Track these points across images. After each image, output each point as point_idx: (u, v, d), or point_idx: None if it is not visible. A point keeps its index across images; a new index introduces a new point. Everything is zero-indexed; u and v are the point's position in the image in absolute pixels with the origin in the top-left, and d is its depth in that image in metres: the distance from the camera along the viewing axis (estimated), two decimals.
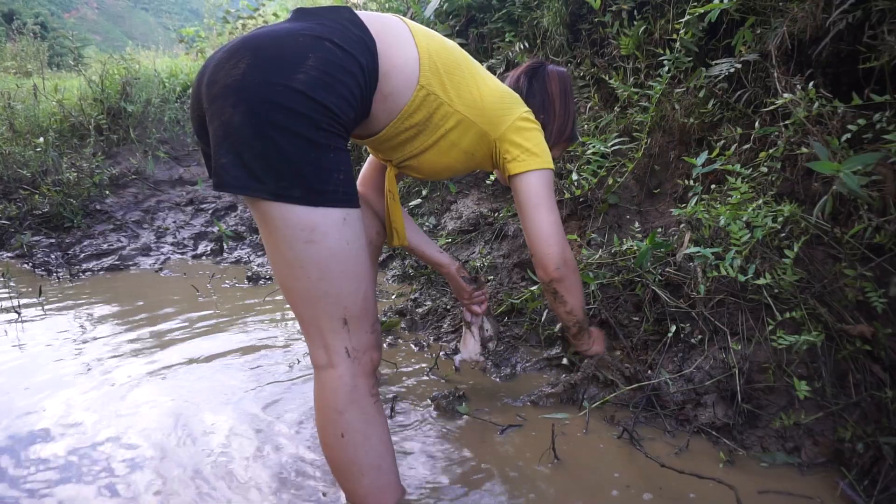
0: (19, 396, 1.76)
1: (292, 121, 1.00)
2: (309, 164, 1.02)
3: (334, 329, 1.10)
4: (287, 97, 1.00)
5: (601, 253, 2.00)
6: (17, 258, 3.56)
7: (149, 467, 1.40)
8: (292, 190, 1.02)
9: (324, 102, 1.02)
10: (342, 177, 1.06)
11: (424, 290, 2.64)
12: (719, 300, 1.61)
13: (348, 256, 1.08)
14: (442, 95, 1.24)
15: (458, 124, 1.29)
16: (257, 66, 1.01)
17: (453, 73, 1.26)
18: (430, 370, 1.90)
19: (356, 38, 1.11)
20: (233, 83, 1.01)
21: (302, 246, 1.05)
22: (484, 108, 1.30)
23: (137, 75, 4.90)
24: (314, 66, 1.02)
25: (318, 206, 1.04)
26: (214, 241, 3.85)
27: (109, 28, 37.82)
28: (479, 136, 1.33)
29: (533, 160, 1.36)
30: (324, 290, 1.08)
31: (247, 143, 1.00)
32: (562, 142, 1.59)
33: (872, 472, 1.24)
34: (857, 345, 1.36)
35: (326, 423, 1.13)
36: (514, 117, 1.35)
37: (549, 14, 2.74)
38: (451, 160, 1.36)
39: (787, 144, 1.62)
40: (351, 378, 1.11)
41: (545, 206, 1.38)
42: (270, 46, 1.04)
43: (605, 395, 1.63)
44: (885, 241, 1.35)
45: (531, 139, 1.37)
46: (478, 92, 1.30)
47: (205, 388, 1.81)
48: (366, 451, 1.13)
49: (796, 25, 1.68)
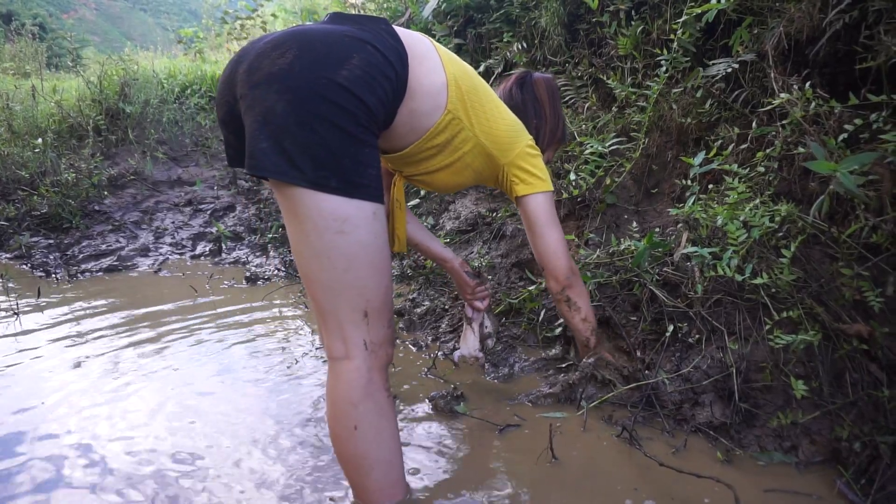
0: (17, 397, 1.76)
1: (335, 113, 1.03)
2: (349, 157, 1.05)
3: (355, 321, 1.12)
4: (332, 90, 1.03)
5: (599, 253, 2.00)
6: (16, 259, 3.55)
7: (148, 468, 1.40)
8: (330, 180, 1.04)
9: (364, 100, 1.06)
10: (374, 172, 1.09)
11: (422, 290, 2.64)
12: (717, 300, 1.61)
13: (376, 249, 1.11)
14: (465, 121, 1.32)
15: (474, 148, 1.38)
16: (304, 58, 1.04)
17: (473, 101, 1.33)
18: (428, 370, 1.91)
19: (392, 48, 1.15)
20: (278, 72, 1.03)
21: (332, 236, 1.06)
22: (498, 135, 1.40)
23: (136, 76, 4.89)
24: (358, 66, 1.06)
25: (354, 197, 1.06)
26: (213, 241, 3.85)
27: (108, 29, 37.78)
28: (489, 159, 1.43)
29: (539, 184, 1.49)
30: (348, 282, 1.09)
31: (288, 131, 1.02)
32: (555, 142, 1.70)
33: (869, 470, 1.25)
34: (854, 344, 1.36)
35: (340, 415, 1.12)
36: (522, 145, 1.46)
37: (547, 14, 2.74)
38: (462, 179, 1.46)
39: (784, 144, 1.63)
40: (367, 371, 1.12)
41: (552, 224, 1.51)
42: (318, 42, 1.07)
43: (603, 395, 1.63)
44: (882, 240, 1.36)
45: (536, 165, 1.49)
46: (494, 119, 1.39)
47: (204, 389, 1.81)
48: (377, 444, 1.13)
49: (793, 26, 1.68)
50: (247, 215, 4.09)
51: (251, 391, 1.79)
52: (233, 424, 1.59)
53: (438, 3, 3.33)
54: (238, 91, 1.09)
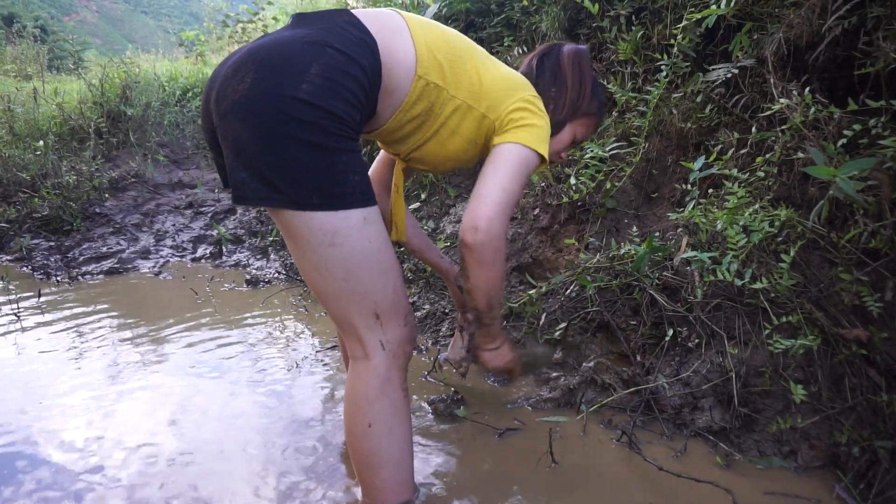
0: (17, 399, 1.76)
1: (302, 130, 1.02)
2: (324, 170, 1.05)
3: (367, 325, 1.13)
4: (295, 108, 1.01)
5: (599, 257, 2.01)
6: (17, 261, 3.55)
7: (145, 470, 1.40)
8: (311, 197, 1.05)
9: (330, 109, 1.03)
10: (357, 178, 1.08)
11: (423, 293, 2.64)
12: (716, 304, 1.62)
13: (372, 254, 1.11)
14: (440, 83, 1.21)
15: (456, 110, 1.24)
16: (263, 79, 1.03)
17: (453, 62, 1.23)
18: (428, 373, 1.91)
19: (356, 40, 1.11)
20: (241, 99, 1.03)
21: (325, 250, 1.07)
22: (483, 91, 1.25)
23: (137, 79, 4.90)
24: (318, 74, 1.03)
25: (338, 209, 1.06)
26: (214, 244, 3.85)
27: (109, 31, 37.86)
28: (479, 120, 1.27)
29: (519, 133, 1.25)
30: (351, 289, 1.11)
31: (261, 157, 1.03)
32: (581, 114, 1.45)
33: (868, 475, 1.25)
34: (853, 349, 1.37)
35: (356, 412, 1.15)
36: (517, 98, 1.28)
37: (548, 19, 2.75)
38: (453, 148, 1.31)
39: (783, 149, 1.63)
40: (385, 369, 1.14)
41: (504, 173, 1.22)
42: (274, 57, 1.05)
43: (602, 399, 1.63)
44: (881, 245, 1.36)
45: (526, 119, 1.27)
46: (477, 76, 1.25)
47: (203, 392, 1.81)
48: (389, 442, 1.15)
49: (793, 31, 1.69)
50: (247, 218, 4.09)
51: (251, 394, 1.79)
52: (232, 427, 1.59)
53: (439, 8, 3.34)
54: (213, 120, 1.10)
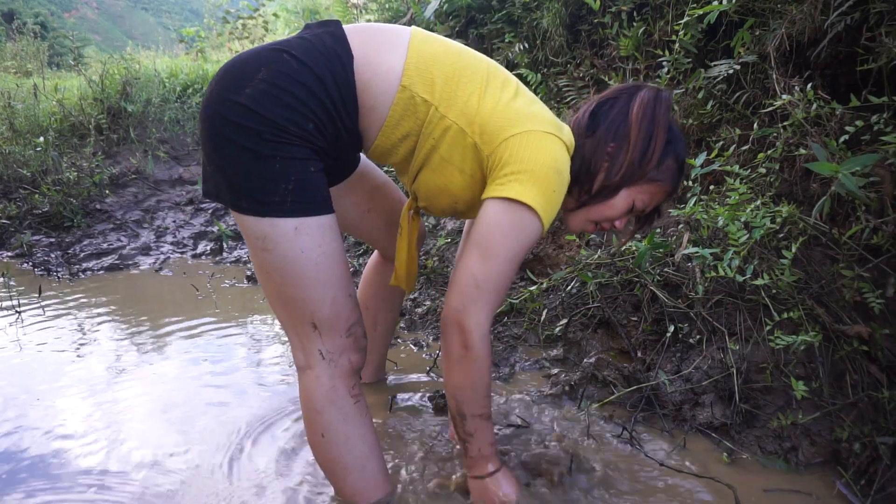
0: (18, 396, 1.77)
1: (238, 134, 1.02)
2: (255, 175, 1.04)
3: (306, 333, 1.13)
4: (234, 112, 1.02)
5: (600, 253, 2.01)
6: (17, 257, 3.55)
7: (147, 466, 1.40)
8: (240, 201, 1.06)
9: (267, 115, 1.01)
10: (291, 186, 1.04)
11: (423, 289, 2.64)
12: (717, 300, 1.62)
13: (306, 264, 1.07)
14: (428, 98, 1.08)
15: (446, 132, 1.09)
16: (219, 85, 1.06)
17: (451, 77, 1.09)
18: (429, 369, 1.91)
19: (324, 52, 1.06)
20: (204, 102, 1.08)
21: (261, 254, 1.08)
22: (478, 115, 1.08)
23: (137, 75, 4.89)
24: (263, 80, 1.03)
25: (266, 216, 1.05)
26: (214, 240, 3.85)
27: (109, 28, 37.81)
28: (472, 150, 1.10)
29: (510, 187, 1.04)
30: (289, 295, 1.10)
31: (210, 157, 1.08)
32: (644, 181, 1.15)
33: (869, 471, 1.25)
34: (855, 345, 1.37)
35: (308, 423, 1.18)
36: (518, 130, 1.06)
37: (549, 15, 2.74)
38: (445, 180, 1.15)
39: (785, 145, 1.63)
40: (328, 379, 1.14)
41: (479, 252, 1.06)
42: (239, 64, 1.07)
43: (603, 395, 1.63)
44: (883, 242, 1.36)
45: (529, 159, 1.04)
46: (476, 98, 1.08)
47: (203, 388, 1.81)
48: (348, 450, 1.16)
49: (795, 27, 1.69)
50: None
51: (252, 391, 1.79)
52: (232, 423, 1.59)
53: (440, 4, 3.33)
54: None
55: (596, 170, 1.14)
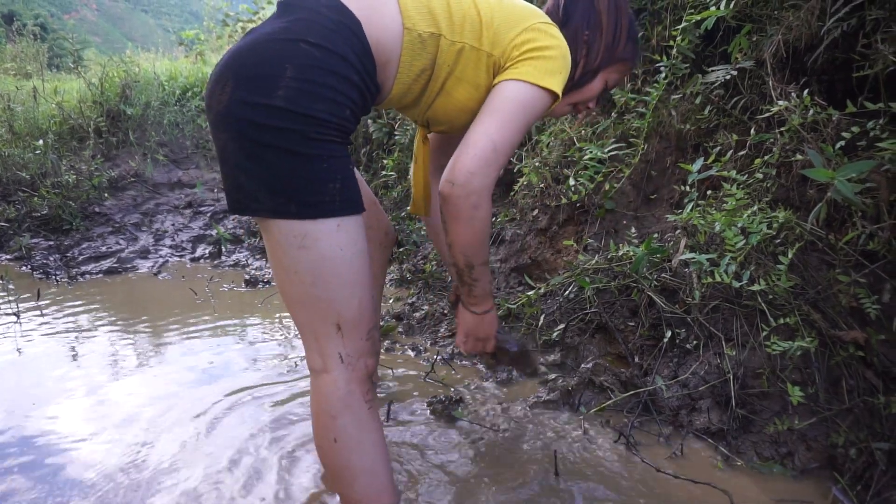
0: (17, 399, 1.77)
1: (280, 138, 1.01)
2: (302, 179, 1.03)
3: (328, 334, 1.11)
4: (272, 116, 1.00)
5: (598, 258, 2.01)
6: (16, 260, 3.56)
7: (145, 470, 1.40)
8: (288, 206, 1.04)
9: (309, 113, 1.01)
10: (338, 185, 1.06)
11: (422, 294, 2.64)
12: (714, 306, 1.62)
13: (341, 262, 1.08)
14: (434, 30, 1.13)
15: (459, 55, 1.16)
16: (240, 89, 1.01)
17: (449, 3, 1.15)
18: (426, 374, 1.91)
19: (334, 28, 1.06)
20: (222, 110, 1.03)
21: (296, 252, 1.07)
22: (483, 24, 1.15)
23: (137, 78, 4.90)
24: (293, 78, 1.01)
25: (316, 218, 1.05)
26: (213, 244, 3.85)
27: (109, 30, 37.85)
28: (482, 61, 1.17)
29: (522, 68, 1.14)
30: (317, 296, 1.09)
31: (242, 167, 1.04)
32: (615, 61, 1.32)
33: (865, 477, 1.25)
34: (851, 351, 1.37)
35: (320, 428, 1.15)
36: (522, 27, 1.16)
37: None
38: (461, 98, 1.21)
39: (782, 151, 1.64)
40: (345, 383, 1.12)
41: (495, 118, 1.13)
42: (249, 63, 1.03)
43: (601, 401, 1.63)
44: (879, 247, 1.36)
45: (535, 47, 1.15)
46: (475, 10, 1.16)
47: (204, 392, 1.81)
48: (359, 455, 1.14)
49: (791, 33, 1.69)
50: (247, 218, 4.09)
51: (250, 395, 1.79)
52: (231, 428, 1.59)
53: None
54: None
55: (577, 58, 1.27)
